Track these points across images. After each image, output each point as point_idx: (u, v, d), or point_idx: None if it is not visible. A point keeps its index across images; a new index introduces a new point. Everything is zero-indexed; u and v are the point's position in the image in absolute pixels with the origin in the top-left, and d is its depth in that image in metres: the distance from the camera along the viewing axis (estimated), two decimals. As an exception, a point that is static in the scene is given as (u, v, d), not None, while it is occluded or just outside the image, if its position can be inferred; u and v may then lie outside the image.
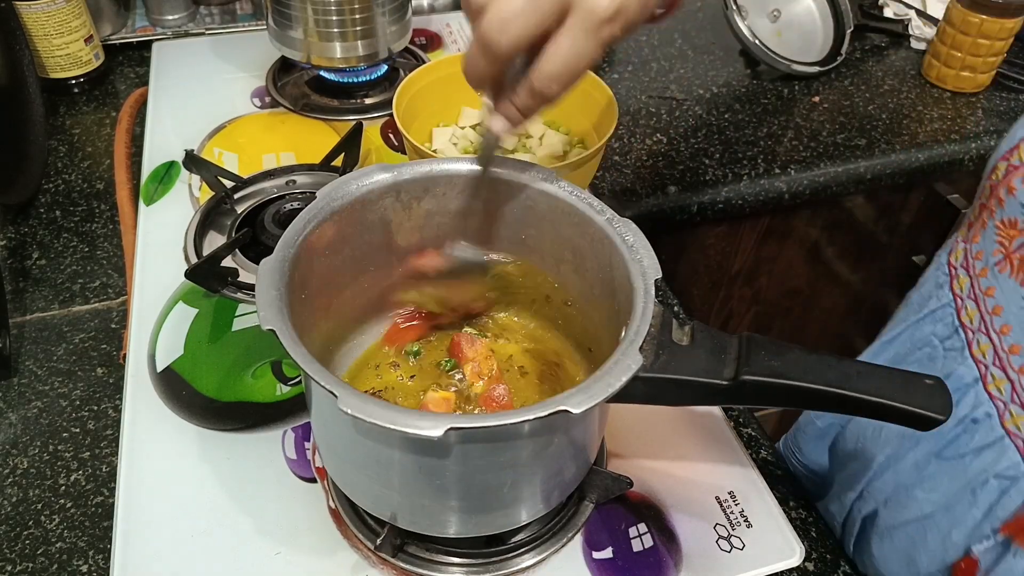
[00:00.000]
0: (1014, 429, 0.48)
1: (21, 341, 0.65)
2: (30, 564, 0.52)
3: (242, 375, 0.61)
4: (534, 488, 0.45)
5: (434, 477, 0.42)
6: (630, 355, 0.39)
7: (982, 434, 0.51)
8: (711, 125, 0.94)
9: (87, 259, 0.73)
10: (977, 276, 0.52)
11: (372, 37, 0.86)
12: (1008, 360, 0.49)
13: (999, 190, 0.50)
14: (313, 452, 0.56)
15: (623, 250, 0.45)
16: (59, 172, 0.82)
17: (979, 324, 0.52)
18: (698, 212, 0.86)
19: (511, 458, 0.42)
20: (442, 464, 0.41)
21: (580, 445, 0.46)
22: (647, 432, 0.59)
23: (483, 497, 0.44)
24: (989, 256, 0.51)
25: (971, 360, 0.52)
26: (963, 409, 0.52)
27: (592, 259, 0.49)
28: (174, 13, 1.01)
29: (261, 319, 0.39)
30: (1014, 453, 0.49)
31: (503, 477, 0.42)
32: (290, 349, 0.38)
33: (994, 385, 0.50)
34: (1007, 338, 0.49)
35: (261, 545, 0.51)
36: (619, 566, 0.52)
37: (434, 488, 0.43)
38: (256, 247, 0.71)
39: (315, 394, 0.43)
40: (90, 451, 0.58)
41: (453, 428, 0.35)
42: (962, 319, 0.54)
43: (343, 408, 0.35)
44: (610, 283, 0.47)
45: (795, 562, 0.53)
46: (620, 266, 0.45)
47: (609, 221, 0.46)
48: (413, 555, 0.51)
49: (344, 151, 0.79)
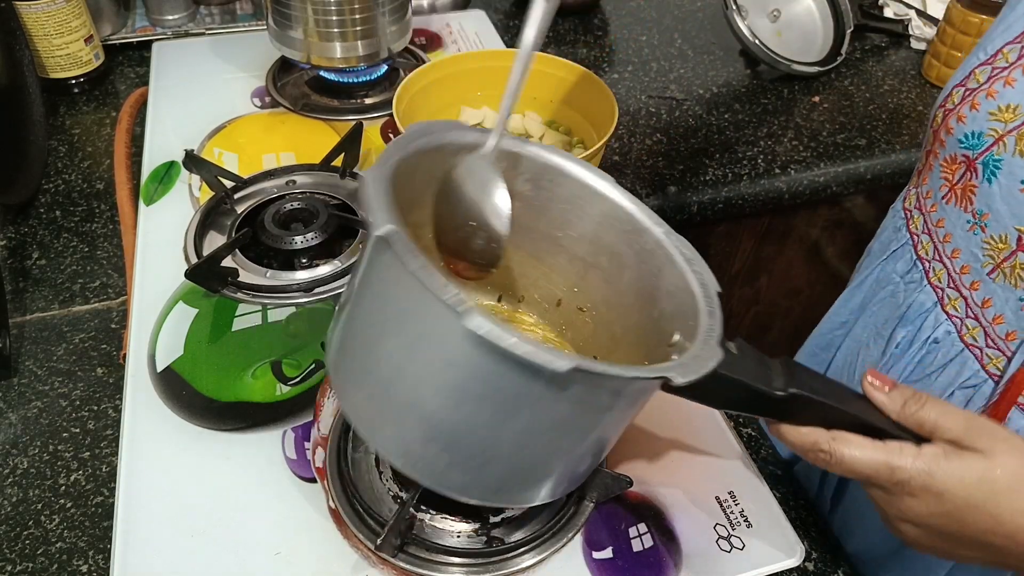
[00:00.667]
0: (971, 341, 0.54)
1: (21, 341, 0.65)
2: (30, 564, 0.52)
3: (242, 375, 0.61)
4: (571, 460, 0.45)
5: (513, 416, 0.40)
6: (710, 347, 0.41)
7: (944, 351, 0.57)
8: (711, 125, 0.94)
9: (87, 259, 0.73)
10: (928, 212, 0.58)
11: (372, 37, 0.86)
12: (960, 280, 0.55)
13: (940, 133, 0.56)
14: (313, 452, 0.56)
15: (680, 262, 0.47)
16: (59, 172, 0.82)
17: (933, 253, 0.58)
18: (698, 212, 0.86)
19: (586, 418, 0.41)
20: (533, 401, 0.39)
21: (616, 430, 0.46)
22: (647, 432, 0.59)
23: (534, 453, 0.43)
24: (937, 192, 0.57)
25: (929, 287, 0.58)
26: (925, 331, 0.58)
27: (633, 268, 0.50)
28: (174, 13, 1.01)
29: (375, 223, 0.37)
30: (974, 363, 0.55)
31: (562, 437, 0.42)
32: (407, 256, 0.36)
33: (951, 305, 0.56)
34: (957, 260, 0.55)
35: (261, 544, 0.51)
36: (619, 566, 0.52)
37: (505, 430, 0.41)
38: (256, 247, 0.71)
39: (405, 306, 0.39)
40: (90, 451, 0.58)
41: (579, 369, 0.35)
42: (919, 253, 0.60)
43: (473, 327, 0.34)
44: (651, 292, 0.48)
45: (795, 562, 0.53)
46: (673, 277, 0.47)
47: (667, 234, 0.48)
48: (413, 555, 0.51)
49: (344, 151, 0.79)
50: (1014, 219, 0.50)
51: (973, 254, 0.54)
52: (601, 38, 1.09)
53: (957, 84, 0.55)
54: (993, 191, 0.51)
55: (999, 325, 0.52)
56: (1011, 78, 0.51)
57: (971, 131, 0.53)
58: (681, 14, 1.16)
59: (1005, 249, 0.51)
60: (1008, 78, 0.51)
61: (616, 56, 1.06)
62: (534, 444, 0.42)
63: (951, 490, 0.41)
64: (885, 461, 0.42)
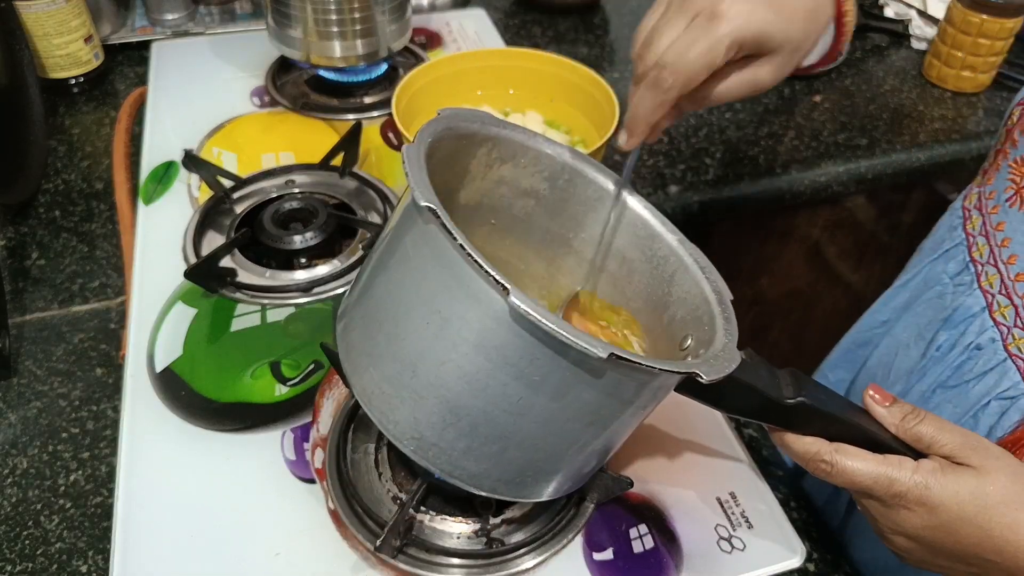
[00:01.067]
0: (1016, 351, 0.52)
1: (20, 341, 0.65)
2: (30, 564, 0.52)
3: (241, 375, 0.61)
4: (584, 455, 0.45)
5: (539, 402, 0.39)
6: (729, 350, 0.42)
7: (985, 359, 0.55)
8: (711, 125, 0.94)
9: (86, 259, 0.73)
10: (989, 214, 0.56)
11: (372, 36, 0.86)
12: (1014, 287, 0.53)
13: (1014, 132, 0.54)
14: (312, 453, 0.56)
15: (694, 269, 0.48)
16: (58, 172, 0.82)
17: (988, 257, 0.56)
18: (699, 212, 0.86)
19: (608, 409, 0.42)
20: (562, 388, 0.39)
21: (628, 427, 0.46)
22: (647, 433, 0.59)
23: (551, 444, 0.42)
24: (1001, 194, 0.55)
25: (979, 291, 0.56)
26: (969, 337, 0.56)
27: (644, 274, 0.51)
28: (173, 13, 1.01)
29: (418, 196, 0.37)
30: (1015, 374, 0.53)
31: (582, 428, 0.42)
32: (452, 230, 0.36)
33: (999, 312, 0.54)
34: (1013, 267, 0.53)
35: (261, 545, 0.51)
36: (620, 567, 0.51)
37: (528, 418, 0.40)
38: (255, 247, 0.71)
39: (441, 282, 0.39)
40: (89, 451, 0.58)
41: (615, 356, 0.35)
42: (973, 255, 0.57)
43: (519, 304, 0.34)
44: (663, 298, 0.49)
45: (796, 563, 0.53)
46: (686, 283, 0.48)
47: (681, 242, 0.49)
48: (413, 556, 0.51)
49: (343, 150, 0.78)
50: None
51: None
52: (602, 37, 1.09)
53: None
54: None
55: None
56: None
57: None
58: (681, 13, 1.16)
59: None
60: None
61: (617, 55, 1.06)
62: (554, 434, 0.42)
63: (945, 503, 0.42)
64: (884, 473, 0.43)
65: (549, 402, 0.39)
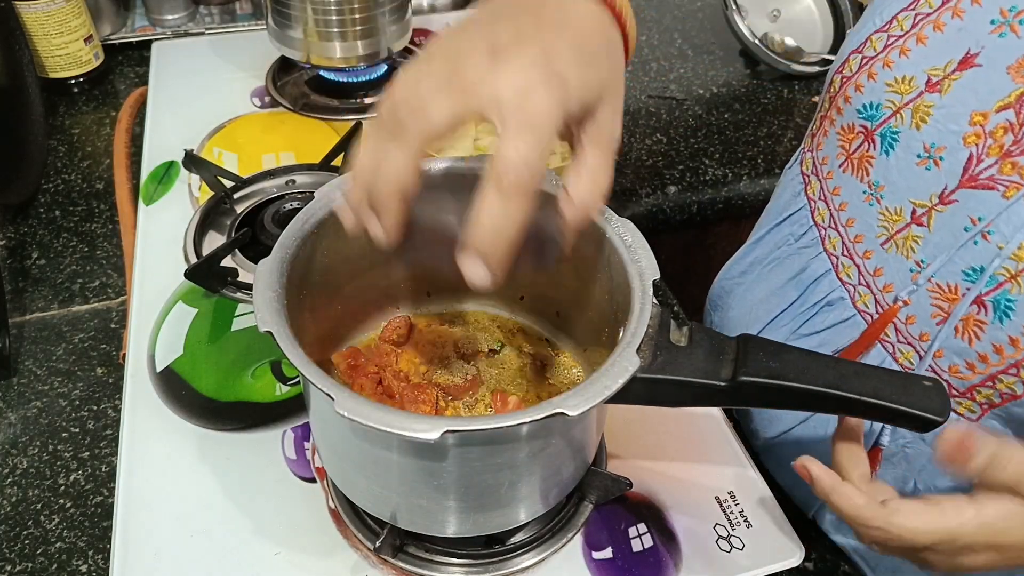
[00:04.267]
0: (863, 307, 0.55)
1: (21, 341, 0.65)
2: (30, 564, 0.52)
3: (241, 375, 0.61)
4: (532, 488, 0.45)
5: (431, 478, 0.42)
6: (627, 357, 0.38)
7: (836, 313, 0.58)
8: (711, 125, 0.94)
9: (87, 259, 0.73)
10: (825, 178, 0.58)
11: (372, 37, 0.86)
12: (854, 248, 0.55)
13: (837, 100, 0.56)
14: (312, 452, 0.56)
15: (621, 250, 0.44)
16: (59, 172, 0.82)
17: (829, 221, 0.58)
18: (698, 212, 0.86)
19: (508, 459, 0.42)
20: (439, 466, 0.41)
21: (578, 446, 0.46)
22: (647, 432, 0.59)
23: (481, 497, 0.44)
24: (833, 159, 0.57)
25: (824, 254, 0.58)
26: (819, 295, 0.59)
27: (592, 259, 0.48)
28: (174, 13, 1.01)
29: (259, 321, 0.39)
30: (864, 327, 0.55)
31: (500, 477, 0.42)
32: (288, 351, 0.38)
33: (844, 272, 0.56)
34: (852, 229, 0.55)
35: (261, 545, 0.51)
36: (619, 566, 0.52)
37: (432, 488, 0.42)
38: (256, 247, 0.71)
39: (313, 396, 0.43)
40: (90, 451, 0.58)
41: (449, 431, 0.35)
42: (815, 219, 0.60)
43: (340, 411, 0.35)
44: (607, 283, 0.47)
45: (795, 562, 0.53)
46: (618, 266, 0.45)
47: (607, 220, 0.45)
48: (413, 555, 0.51)
49: (344, 151, 0.79)
50: (910, 192, 0.50)
51: (868, 224, 0.54)
52: (601, 38, 1.09)
53: (854, 51, 0.54)
54: (890, 163, 0.51)
55: (888, 294, 0.53)
56: (905, 47, 0.50)
57: (869, 102, 0.52)
58: (681, 14, 1.16)
59: (899, 221, 0.51)
60: (903, 47, 0.50)
61: (616, 56, 1.06)
62: (475, 491, 0.43)
63: (1014, 544, 0.40)
64: (946, 529, 0.40)
65: (447, 472, 0.41)
